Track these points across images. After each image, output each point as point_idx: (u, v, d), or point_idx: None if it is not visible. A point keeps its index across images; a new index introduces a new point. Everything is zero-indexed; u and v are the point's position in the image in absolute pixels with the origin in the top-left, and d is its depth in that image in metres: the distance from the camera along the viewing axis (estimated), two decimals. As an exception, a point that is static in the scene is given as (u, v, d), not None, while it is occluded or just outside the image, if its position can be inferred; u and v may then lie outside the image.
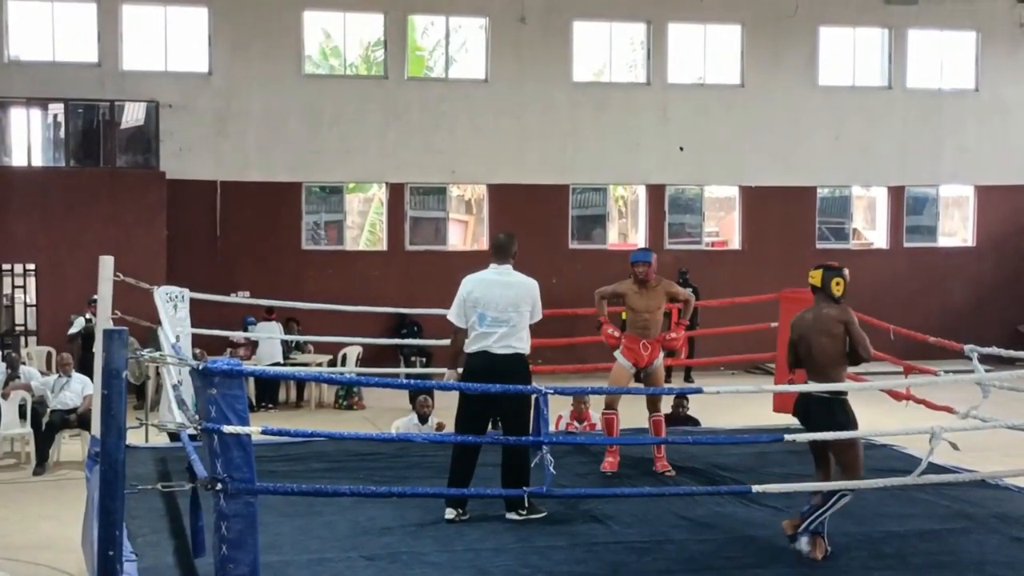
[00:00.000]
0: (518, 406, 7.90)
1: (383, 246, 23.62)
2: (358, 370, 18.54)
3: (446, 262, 22.87)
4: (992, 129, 25.36)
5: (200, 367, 5.55)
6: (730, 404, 14.58)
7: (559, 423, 11.64)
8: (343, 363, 19.56)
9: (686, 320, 9.93)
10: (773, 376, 12.63)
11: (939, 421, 7.77)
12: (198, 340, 12.58)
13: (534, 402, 6.93)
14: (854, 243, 25.56)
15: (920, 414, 10.21)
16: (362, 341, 18.49)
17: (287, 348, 19.27)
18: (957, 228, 26.34)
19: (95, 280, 9.67)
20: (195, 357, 8.61)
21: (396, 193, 23.26)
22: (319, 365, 19.14)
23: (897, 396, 10.63)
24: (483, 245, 23.67)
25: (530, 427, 7.49)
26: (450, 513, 7.95)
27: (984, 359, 9.15)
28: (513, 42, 23.31)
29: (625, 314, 9.82)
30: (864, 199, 26.58)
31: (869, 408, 12.92)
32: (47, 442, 14.26)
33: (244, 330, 18.15)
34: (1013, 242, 25.42)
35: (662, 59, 24.03)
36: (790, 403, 11.62)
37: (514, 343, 8.11)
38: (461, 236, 26.50)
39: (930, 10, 24.89)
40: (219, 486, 5.47)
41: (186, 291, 10.71)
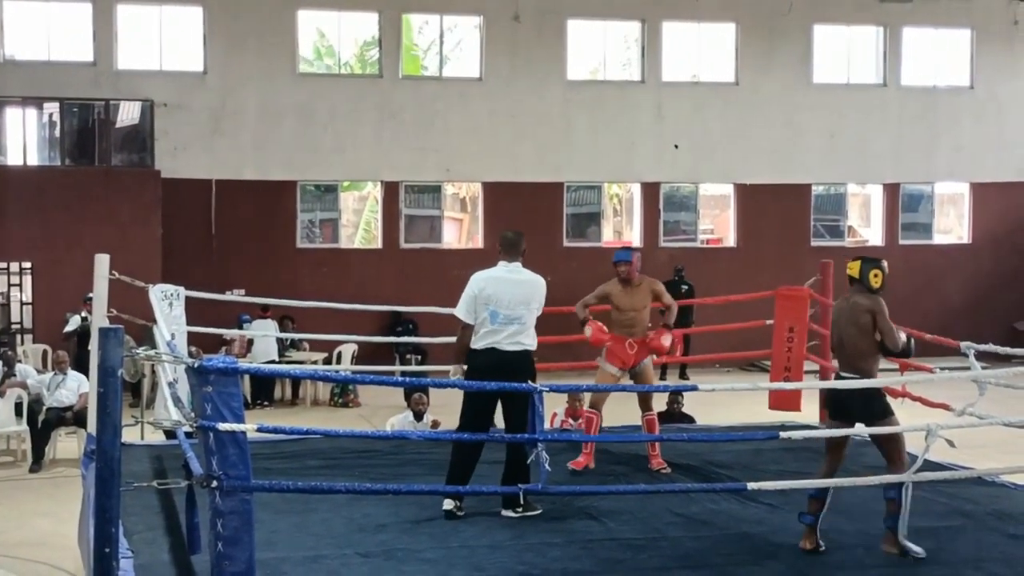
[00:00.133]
0: (524, 403, 7.89)
1: (378, 244, 23.60)
2: (353, 368, 18.54)
3: (441, 260, 22.89)
4: (987, 126, 25.38)
5: (196, 365, 5.55)
6: (725, 401, 14.59)
7: (554, 420, 11.65)
8: (338, 361, 19.57)
9: (670, 324, 9.84)
10: (768, 373, 12.61)
11: (935, 418, 7.75)
12: (193, 338, 12.58)
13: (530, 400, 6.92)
14: (849, 241, 25.56)
15: (916, 411, 10.23)
16: (357, 339, 18.47)
17: (282, 346, 19.27)
18: (952, 225, 26.35)
19: (91, 278, 9.68)
20: (191, 355, 8.59)
21: (391, 191, 23.25)
22: (314, 363, 19.13)
23: (893, 393, 10.55)
24: (478, 243, 23.68)
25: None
26: (449, 504, 7.96)
27: (980, 356, 9.17)
28: (508, 40, 23.29)
29: (612, 313, 9.80)
30: (859, 196, 26.60)
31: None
32: (43, 440, 14.26)
33: (239, 328, 18.13)
34: (1009, 239, 25.43)
35: (657, 57, 24.03)
36: (786, 400, 11.76)
37: (523, 340, 8.16)
38: (456, 234, 26.53)
39: (925, 8, 24.91)
40: (215, 483, 5.47)
41: (181, 289, 10.68)
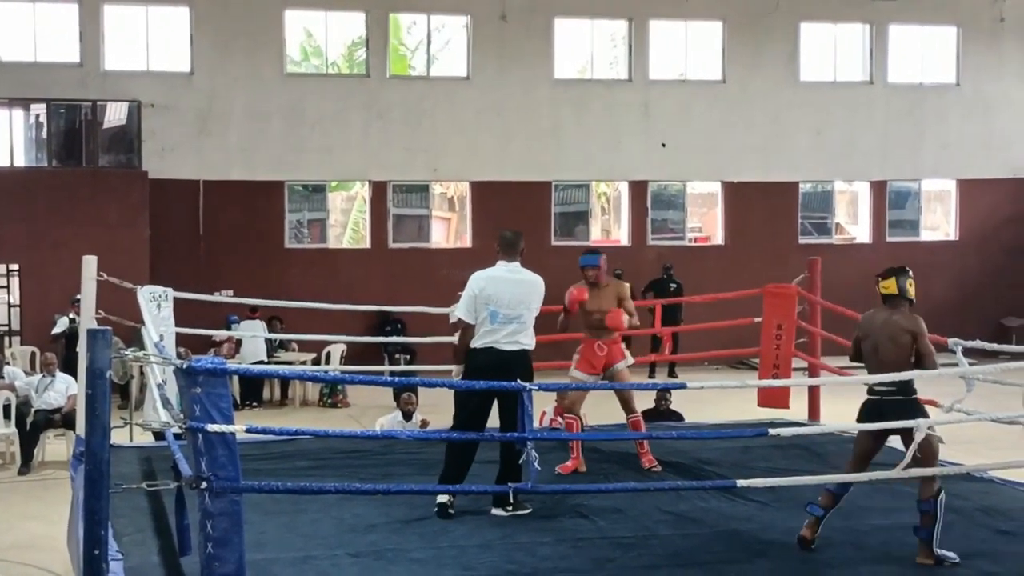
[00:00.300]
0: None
1: (366, 244, 23.60)
2: (342, 368, 18.52)
3: (429, 259, 22.90)
4: (973, 124, 25.45)
5: (184, 366, 5.55)
6: (714, 399, 14.62)
7: (543, 419, 11.64)
8: (327, 361, 19.54)
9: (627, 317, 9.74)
10: (757, 371, 12.63)
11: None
12: (182, 339, 12.56)
13: (520, 399, 6.92)
14: (837, 238, 25.63)
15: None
16: (346, 339, 18.49)
17: (271, 347, 19.25)
18: (939, 222, 26.42)
19: (78, 280, 9.66)
20: (179, 356, 8.59)
21: (379, 191, 23.24)
22: (303, 363, 19.12)
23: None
24: (466, 242, 23.68)
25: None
26: (443, 497, 7.97)
27: (968, 353, 9.16)
28: (495, 39, 23.29)
29: (580, 317, 9.76)
30: (846, 194, 26.65)
31: (854, 402, 13.02)
32: (32, 442, 14.23)
33: (227, 329, 18.11)
34: (995, 236, 25.50)
35: (644, 56, 24.05)
36: (774, 398, 11.78)
37: (522, 339, 8.15)
38: (444, 233, 26.53)
39: (911, 5, 24.98)
40: (204, 485, 5.47)
41: (169, 290, 10.66)
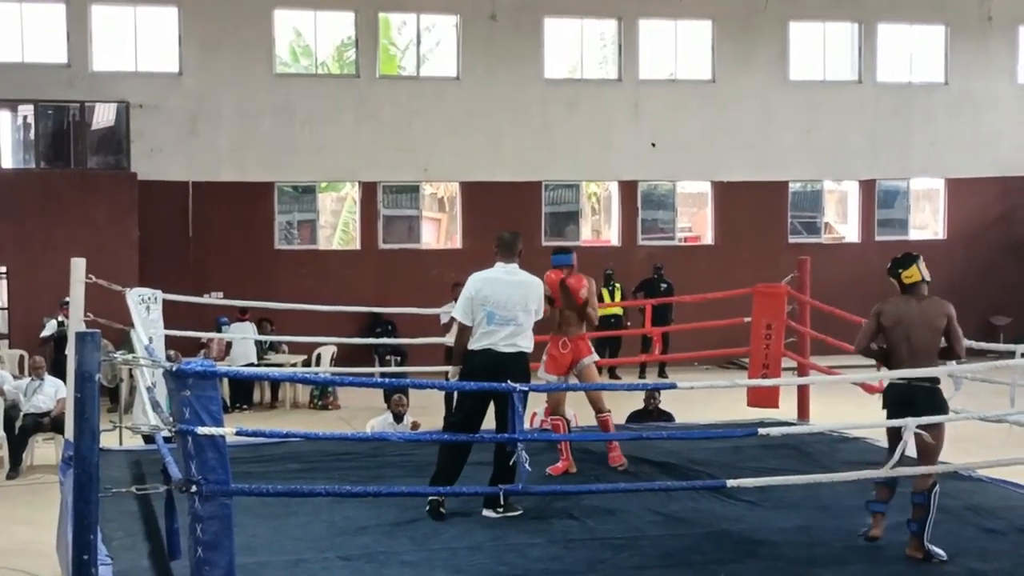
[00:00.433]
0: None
1: (356, 245, 23.59)
2: (333, 370, 18.51)
3: (420, 260, 22.90)
4: (961, 122, 25.51)
5: (174, 369, 5.53)
6: (704, 399, 14.63)
7: (533, 420, 11.65)
8: (317, 363, 19.53)
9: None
10: (747, 371, 12.64)
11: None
12: (171, 341, 12.53)
13: (511, 400, 6.91)
14: (826, 237, 25.67)
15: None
16: (336, 341, 18.47)
17: (261, 348, 19.21)
18: (928, 221, 26.48)
19: (67, 282, 9.62)
20: (169, 359, 8.58)
21: (369, 192, 23.24)
22: (293, 365, 19.09)
23: (870, 389, 10.63)
24: (456, 243, 23.69)
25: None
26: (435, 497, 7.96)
27: (956, 351, 9.18)
28: (484, 39, 23.30)
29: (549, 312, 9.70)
30: (836, 193, 26.69)
31: (842, 401, 13.05)
32: (20, 446, 14.18)
33: (217, 331, 18.08)
34: (984, 234, 25.55)
35: (633, 55, 24.08)
36: (764, 397, 11.78)
37: (519, 341, 8.13)
38: (434, 234, 26.49)
39: (900, 4, 25.04)
40: (194, 488, 5.46)
41: (159, 292, 10.63)
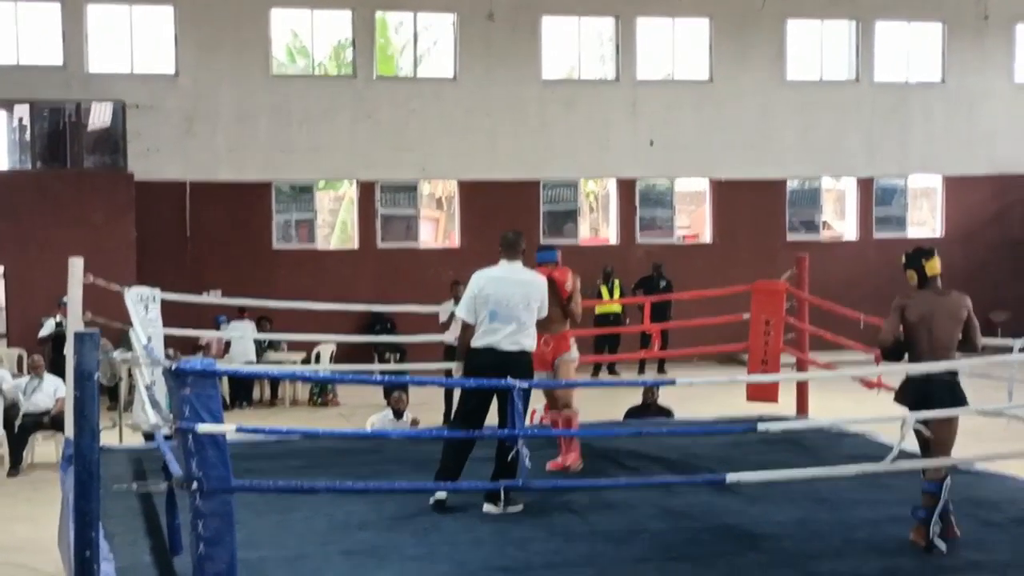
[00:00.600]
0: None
1: (354, 244, 23.60)
2: (332, 368, 18.52)
3: (417, 259, 22.92)
4: (958, 120, 25.52)
5: (173, 368, 5.55)
6: (703, 395, 14.64)
7: (533, 416, 11.66)
8: (317, 361, 19.53)
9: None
10: (746, 367, 12.66)
11: (893, 401, 7.83)
12: (170, 340, 12.54)
13: (511, 398, 6.93)
14: (824, 235, 25.69)
15: (891, 402, 10.26)
16: (335, 338, 18.50)
17: (260, 347, 19.21)
18: (926, 218, 26.49)
19: (65, 282, 9.64)
20: (168, 357, 8.58)
21: (367, 191, 23.24)
22: (293, 363, 19.10)
23: (869, 384, 10.69)
24: (454, 242, 23.70)
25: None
26: (441, 494, 7.97)
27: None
28: (482, 39, 23.30)
29: None
30: (833, 191, 26.72)
31: (841, 396, 13.07)
32: (20, 444, 14.20)
33: (216, 329, 18.08)
34: (981, 232, 25.54)
35: (631, 54, 24.08)
36: (763, 391, 11.79)
37: (522, 340, 8.14)
38: (432, 233, 26.53)
39: (897, 1, 25.03)
40: (195, 485, 5.48)
41: (157, 291, 10.63)
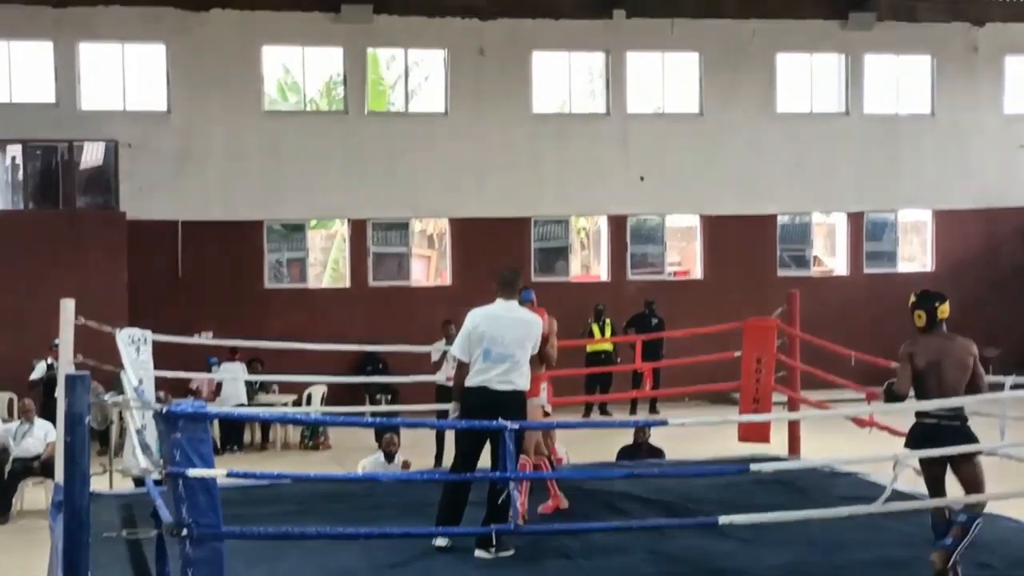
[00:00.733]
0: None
1: (346, 283, 23.57)
2: (323, 409, 18.44)
3: (410, 297, 22.88)
4: (949, 153, 25.52)
5: (164, 411, 5.51)
6: (695, 435, 14.59)
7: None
8: (308, 403, 19.44)
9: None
10: (738, 406, 12.61)
11: (902, 448, 7.78)
12: (162, 382, 12.49)
13: (502, 439, 6.89)
14: (815, 270, 25.70)
15: (884, 441, 10.24)
16: (327, 380, 18.40)
17: (251, 389, 19.13)
18: (916, 253, 26.50)
19: (56, 324, 9.61)
20: (159, 400, 8.54)
21: (358, 229, 23.23)
22: (284, 405, 19.00)
23: (860, 423, 10.67)
24: (446, 280, 23.68)
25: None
26: (441, 541, 7.95)
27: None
28: (472, 74, 23.35)
29: None
30: (824, 226, 26.74)
31: (833, 435, 13.02)
32: (10, 491, 14.10)
33: (207, 371, 18.01)
34: (972, 266, 25.48)
35: (621, 89, 24.13)
36: (755, 431, 11.76)
37: (515, 379, 8.05)
38: (424, 271, 26.48)
39: (886, 35, 25.06)
40: (185, 532, 5.43)
41: (149, 333, 10.57)
